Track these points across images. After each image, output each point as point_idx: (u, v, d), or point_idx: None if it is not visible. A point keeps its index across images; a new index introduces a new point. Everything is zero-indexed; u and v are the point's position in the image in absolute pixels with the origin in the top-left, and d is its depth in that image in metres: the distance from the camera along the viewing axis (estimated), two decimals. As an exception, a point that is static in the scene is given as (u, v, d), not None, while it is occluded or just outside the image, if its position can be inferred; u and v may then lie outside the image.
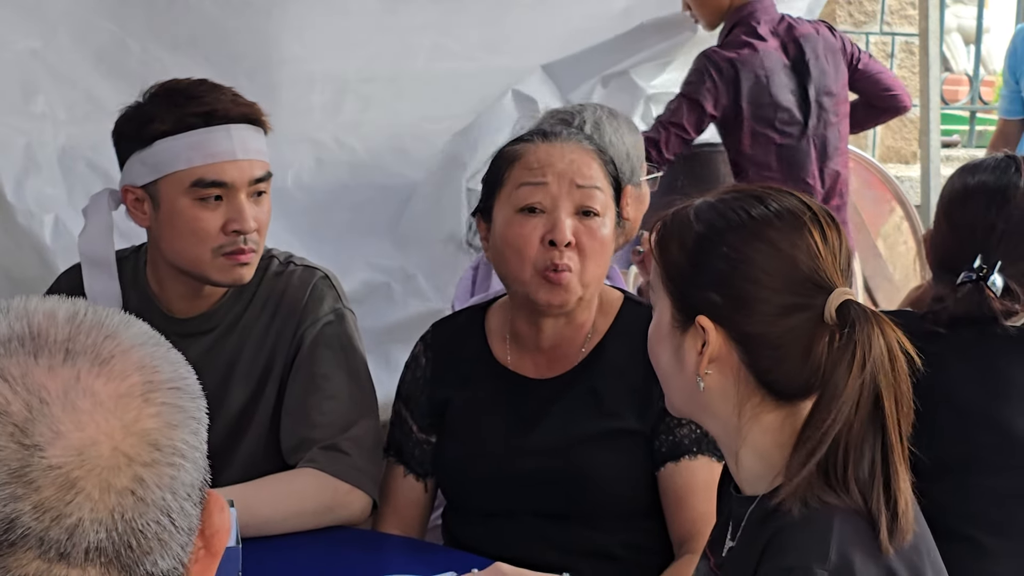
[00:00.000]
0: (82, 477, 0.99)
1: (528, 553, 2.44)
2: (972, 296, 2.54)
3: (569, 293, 2.47)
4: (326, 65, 4.06)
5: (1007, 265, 2.55)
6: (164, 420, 1.04)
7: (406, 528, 2.66)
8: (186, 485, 1.05)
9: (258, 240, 2.63)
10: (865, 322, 1.69)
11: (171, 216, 2.60)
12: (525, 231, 2.48)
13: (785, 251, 1.74)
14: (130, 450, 1.02)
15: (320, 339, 2.69)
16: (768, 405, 1.77)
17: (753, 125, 4.40)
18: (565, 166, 2.50)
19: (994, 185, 2.61)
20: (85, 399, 1.01)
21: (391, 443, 2.71)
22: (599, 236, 2.49)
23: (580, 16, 4.46)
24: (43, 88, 3.64)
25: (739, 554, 1.77)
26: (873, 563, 1.65)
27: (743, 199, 1.80)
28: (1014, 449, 2.54)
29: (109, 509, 1.00)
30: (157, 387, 1.05)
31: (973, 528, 2.52)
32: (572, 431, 2.52)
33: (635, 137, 3.23)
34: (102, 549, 1.00)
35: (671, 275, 1.82)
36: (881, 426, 1.69)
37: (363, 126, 4.11)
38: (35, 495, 0.98)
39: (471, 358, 2.64)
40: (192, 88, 2.66)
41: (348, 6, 4.05)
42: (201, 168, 2.58)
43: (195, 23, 3.81)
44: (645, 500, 2.52)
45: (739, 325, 1.76)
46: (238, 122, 2.62)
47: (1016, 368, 2.56)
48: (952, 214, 2.67)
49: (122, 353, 1.05)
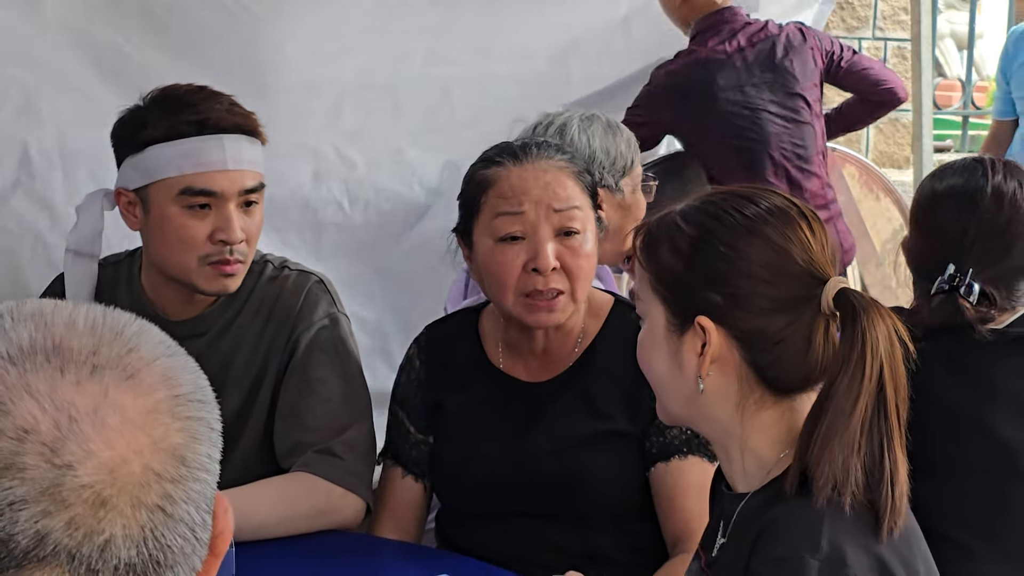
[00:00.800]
0: (114, 495, 0.98)
1: (522, 555, 2.45)
2: (945, 306, 2.52)
3: (561, 313, 2.48)
4: (324, 72, 4.05)
5: (980, 271, 2.52)
6: (190, 435, 1.04)
7: (403, 530, 2.63)
8: (207, 498, 1.05)
9: (246, 251, 2.62)
10: (866, 309, 1.69)
11: (160, 222, 2.60)
12: (507, 259, 2.46)
13: (780, 245, 1.75)
14: (159, 467, 1.01)
15: (315, 343, 2.68)
16: (767, 401, 1.77)
17: (707, 132, 4.41)
18: (540, 191, 2.46)
19: (962, 189, 2.59)
20: (114, 415, 0.99)
21: (388, 445, 2.69)
22: (582, 253, 2.47)
23: (579, 24, 4.45)
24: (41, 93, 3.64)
25: (730, 549, 1.77)
26: (864, 553, 1.64)
27: (732, 199, 1.81)
28: (999, 452, 2.53)
29: (140, 526, 0.99)
30: (182, 401, 1.05)
31: (960, 531, 2.51)
32: (565, 433, 2.51)
33: (610, 141, 3.14)
34: (132, 566, 0.99)
35: (664, 280, 1.81)
36: (883, 412, 1.68)
37: (363, 135, 4.11)
38: (66, 512, 0.97)
39: (465, 361, 2.63)
40: (188, 95, 2.65)
41: (346, 11, 4.04)
42: (191, 176, 2.57)
43: (194, 30, 3.81)
44: (638, 501, 2.51)
45: (740, 322, 1.75)
46: (232, 132, 2.61)
47: (1001, 371, 2.54)
48: (922, 221, 2.65)
49: (147, 366, 1.04)
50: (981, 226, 2.54)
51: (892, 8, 6.06)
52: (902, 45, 6.39)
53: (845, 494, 1.64)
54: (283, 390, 2.69)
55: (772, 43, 4.46)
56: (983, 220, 2.54)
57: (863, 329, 1.67)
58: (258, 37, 3.89)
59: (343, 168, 4.06)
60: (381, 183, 4.09)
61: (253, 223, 2.64)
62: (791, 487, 1.68)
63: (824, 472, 1.65)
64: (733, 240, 1.76)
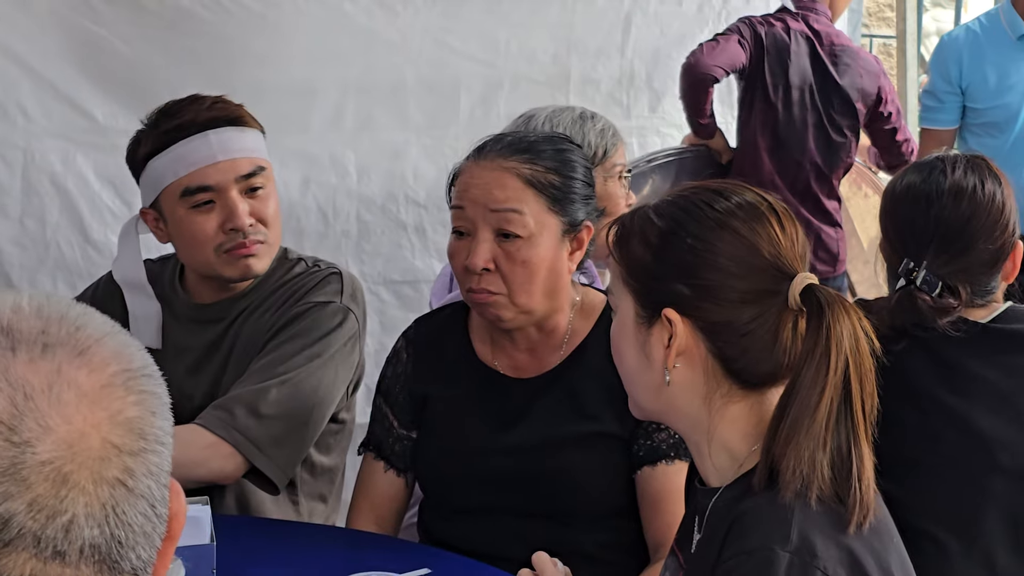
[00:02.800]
0: (74, 471, 0.96)
1: (503, 550, 2.41)
2: (904, 300, 2.51)
3: (502, 313, 2.44)
4: (324, 72, 4.04)
5: (942, 265, 2.51)
6: (145, 408, 1.02)
7: (382, 523, 2.61)
8: (165, 472, 1.03)
9: (264, 232, 2.67)
10: (832, 305, 1.67)
11: (176, 227, 2.68)
12: (454, 254, 2.47)
13: (748, 239, 1.74)
14: (118, 440, 0.99)
15: (294, 319, 2.68)
16: (735, 395, 1.76)
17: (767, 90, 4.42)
18: (479, 191, 2.43)
19: (920, 187, 2.57)
20: (70, 391, 0.97)
21: (371, 439, 2.65)
22: (520, 258, 2.41)
23: (580, 24, 4.43)
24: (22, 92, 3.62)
25: (704, 543, 1.75)
26: (834, 545, 1.62)
27: (702, 193, 1.80)
28: (976, 446, 2.51)
29: (102, 503, 0.97)
30: (134, 375, 1.02)
31: (937, 526, 2.48)
32: (550, 432, 2.48)
33: (576, 129, 3.01)
34: (96, 546, 0.97)
35: (634, 272, 1.80)
36: (848, 408, 1.67)
37: (361, 139, 4.10)
38: (28, 492, 0.95)
39: (453, 355, 2.59)
40: (172, 106, 2.70)
41: (344, 9, 4.02)
42: (186, 177, 2.64)
43: (189, 27, 3.79)
44: (621, 502, 2.48)
45: (706, 314, 1.74)
46: (215, 126, 2.64)
47: (978, 365, 2.52)
48: (885, 220, 2.63)
49: (96, 343, 1.02)
50: (939, 222, 2.52)
51: (878, 5, 6.05)
52: (887, 42, 6.38)
53: (812, 488, 1.63)
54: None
55: (852, 54, 4.51)
56: (941, 216, 2.52)
57: (828, 325, 1.66)
58: (256, 35, 3.88)
59: (333, 176, 4.05)
60: (368, 193, 4.09)
61: (264, 205, 2.68)
62: (759, 482, 1.67)
63: (790, 467, 1.63)
64: (702, 232, 1.75)
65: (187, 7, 3.76)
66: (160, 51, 3.72)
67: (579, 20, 4.42)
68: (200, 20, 3.78)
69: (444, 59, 4.20)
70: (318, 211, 4.08)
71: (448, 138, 4.13)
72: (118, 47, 3.69)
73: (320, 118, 4.06)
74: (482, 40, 4.24)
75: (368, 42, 4.07)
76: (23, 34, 3.61)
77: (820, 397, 1.64)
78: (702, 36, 4.56)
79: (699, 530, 1.79)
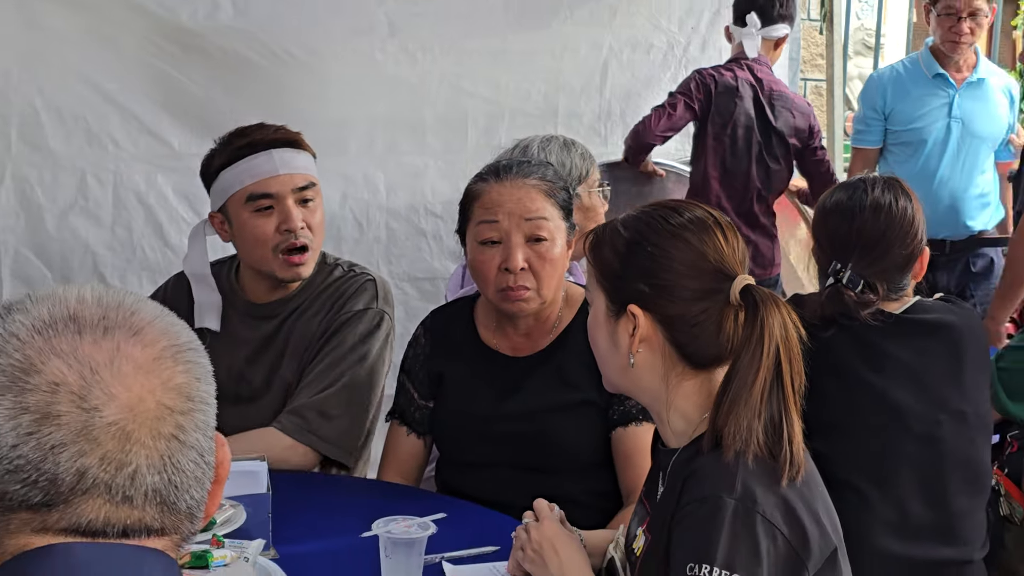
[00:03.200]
0: (135, 429, 0.97)
1: (505, 498, 2.40)
2: (833, 295, 2.50)
3: (528, 304, 2.45)
4: (357, 108, 4.02)
5: (864, 267, 2.50)
6: (192, 375, 1.03)
7: (406, 477, 2.60)
8: (210, 427, 1.04)
9: (311, 237, 2.66)
10: (764, 302, 1.69)
11: (240, 228, 2.67)
12: (486, 259, 2.44)
13: (697, 247, 1.75)
14: (170, 402, 1.00)
15: (341, 327, 2.68)
16: (688, 374, 1.77)
17: (716, 128, 4.39)
18: (513, 204, 2.43)
19: (846, 204, 2.56)
20: (128, 364, 0.99)
21: (395, 408, 2.63)
22: (548, 257, 2.43)
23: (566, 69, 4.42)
24: (113, 126, 3.61)
25: (666, 494, 1.75)
26: (772, 494, 1.63)
27: (661, 210, 1.82)
28: (890, 413, 2.49)
29: (160, 454, 0.98)
30: (181, 349, 1.03)
31: (859, 478, 2.47)
32: (541, 400, 2.47)
33: (565, 155, 3.11)
34: (157, 490, 0.99)
35: (604, 274, 1.82)
36: (780, 384, 1.67)
37: (388, 161, 4.08)
38: (99, 449, 0.96)
39: (462, 339, 2.58)
40: (244, 129, 2.72)
41: (374, 57, 4.01)
42: (252, 186, 2.64)
43: (246, 71, 3.78)
44: (600, 457, 2.46)
45: (663, 309, 1.75)
46: (278, 146, 2.66)
47: (892, 347, 2.51)
48: (817, 230, 2.62)
49: (148, 324, 1.03)
50: (862, 233, 2.51)
51: (811, 54, 6.03)
52: (819, 84, 6.36)
53: (749, 449, 1.64)
54: (314, 363, 2.68)
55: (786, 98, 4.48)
56: (863, 228, 2.51)
57: (762, 317, 1.68)
58: (301, 78, 3.87)
59: (366, 192, 4.04)
60: (395, 207, 4.08)
61: (313, 216, 2.68)
62: (707, 444, 1.68)
63: (731, 432, 1.65)
64: (660, 242, 1.77)
65: (246, 56, 3.75)
66: (224, 91, 3.71)
67: (566, 66, 4.40)
68: (257, 66, 3.76)
69: (455, 98, 4.18)
70: (354, 221, 4.06)
71: (459, 162, 4.11)
72: (191, 87, 3.68)
73: (355, 146, 4.04)
74: (487, 82, 4.23)
75: (394, 84, 4.06)
76: (114, 76, 3.60)
77: (755, 376, 1.66)
78: (666, 78, 4.56)
79: (662, 484, 1.79)
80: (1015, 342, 2.77)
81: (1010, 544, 2.70)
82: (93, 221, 3.66)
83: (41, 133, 3.55)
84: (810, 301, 2.52)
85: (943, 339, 2.52)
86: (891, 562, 2.46)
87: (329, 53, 3.91)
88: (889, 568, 2.46)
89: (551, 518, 1.98)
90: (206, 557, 1.93)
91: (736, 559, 1.59)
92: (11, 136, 3.52)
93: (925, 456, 2.49)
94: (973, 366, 2.55)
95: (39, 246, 3.60)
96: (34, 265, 3.61)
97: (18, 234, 3.58)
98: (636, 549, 1.83)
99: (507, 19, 4.22)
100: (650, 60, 4.59)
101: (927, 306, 2.56)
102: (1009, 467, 2.79)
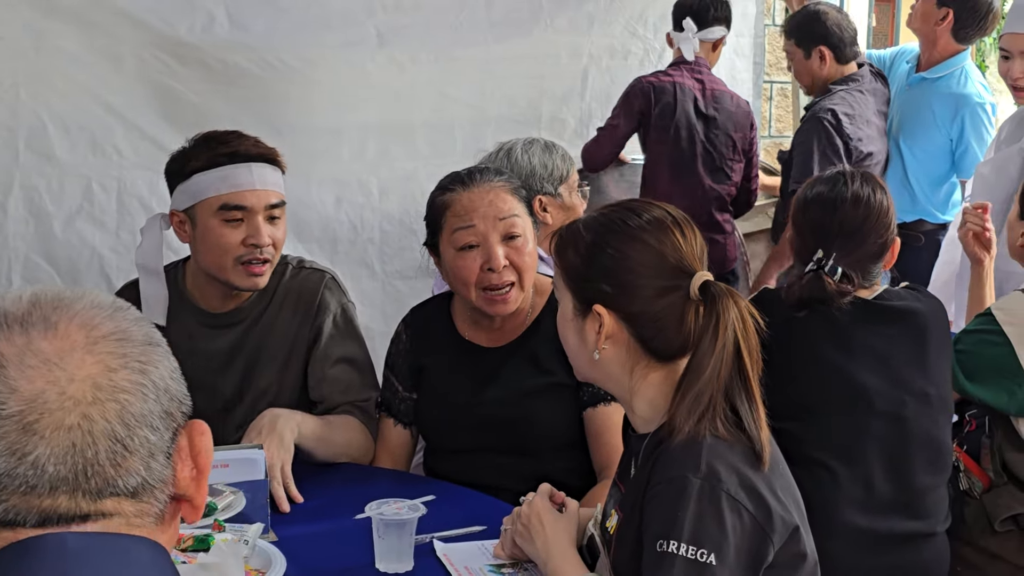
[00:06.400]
0: (36, 421, 0.96)
1: (488, 480, 2.44)
2: (813, 282, 2.51)
3: (509, 306, 2.46)
4: (350, 115, 4.02)
5: (842, 256, 2.51)
6: (104, 365, 0.99)
7: (396, 463, 2.62)
8: (136, 415, 1.00)
9: (272, 253, 2.60)
10: (722, 296, 1.69)
11: (204, 233, 2.58)
12: (467, 264, 2.44)
13: (655, 247, 1.75)
14: (76, 393, 0.97)
15: (335, 328, 2.67)
16: (653, 366, 1.77)
17: (659, 132, 4.39)
18: (486, 207, 2.44)
19: (827, 195, 2.57)
20: (35, 358, 0.97)
21: (383, 401, 2.65)
22: (524, 251, 2.45)
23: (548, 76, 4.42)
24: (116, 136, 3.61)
25: (637, 476, 1.76)
26: (735, 473, 1.64)
27: (620, 211, 1.82)
28: (857, 395, 2.51)
29: (64, 445, 0.96)
30: (97, 340, 1.00)
31: (827, 456, 2.49)
32: (517, 386, 2.48)
33: (547, 157, 3.14)
34: (63, 478, 0.96)
35: (569, 275, 1.82)
36: (741, 372, 1.68)
37: (380, 166, 4.08)
38: (2, 441, 0.95)
39: (440, 333, 2.59)
40: (223, 135, 2.64)
41: (366, 67, 4.02)
42: (227, 195, 2.55)
43: (244, 81, 3.78)
44: (574, 437, 2.48)
45: (626, 306, 1.76)
46: (257, 160, 2.59)
47: (860, 332, 2.52)
48: (798, 220, 2.62)
49: (68, 319, 1.01)
50: (843, 223, 2.52)
51: (776, 58, 6.05)
52: (784, 86, 6.38)
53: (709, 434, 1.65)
54: (314, 363, 2.66)
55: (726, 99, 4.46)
56: (844, 219, 2.53)
57: (718, 312, 1.68)
58: (296, 87, 3.87)
59: (360, 196, 4.04)
60: (388, 209, 4.08)
61: (277, 232, 2.61)
62: (668, 431, 1.69)
63: (692, 419, 1.66)
64: (619, 244, 1.77)
65: (244, 66, 3.75)
66: (223, 100, 3.71)
67: (548, 73, 4.40)
68: (253, 76, 3.76)
69: (443, 104, 4.18)
70: (349, 223, 4.06)
71: (448, 165, 4.05)
72: (191, 97, 3.68)
73: (348, 151, 4.04)
74: (472, 89, 4.23)
75: (384, 92, 4.05)
76: (117, 89, 3.60)
77: (713, 366, 1.66)
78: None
79: (634, 468, 1.80)
80: (971, 326, 2.79)
81: (969, 518, 2.72)
82: (98, 226, 3.66)
83: (48, 144, 3.54)
84: (788, 284, 2.53)
85: (909, 325, 2.54)
86: (859, 535, 2.48)
87: (322, 63, 3.91)
88: (858, 541, 2.47)
89: (542, 496, 2.00)
90: (208, 541, 1.94)
91: (703, 535, 1.60)
92: (19, 147, 3.52)
93: (891, 435, 2.51)
94: (936, 350, 2.56)
95: (48, 251, 3.60)
96: (44, 269, 3.61)
97: (28, 240, 3.58)
98: (609, 528, 1.85)
99: (490, 28, 4.22)
100: (628, 66, 4.60)
101: (894, 293, 2.58)
102: (968, 444, 2.81)
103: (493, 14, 4.21)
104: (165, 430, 1.03)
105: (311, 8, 3.87)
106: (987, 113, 4.35)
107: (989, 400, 2.70)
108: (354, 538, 2.11)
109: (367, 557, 2.03)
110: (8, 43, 3.42)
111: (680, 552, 1.59)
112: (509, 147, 3.12)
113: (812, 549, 1.75)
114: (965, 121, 4.30)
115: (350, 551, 2.09)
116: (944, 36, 4.33)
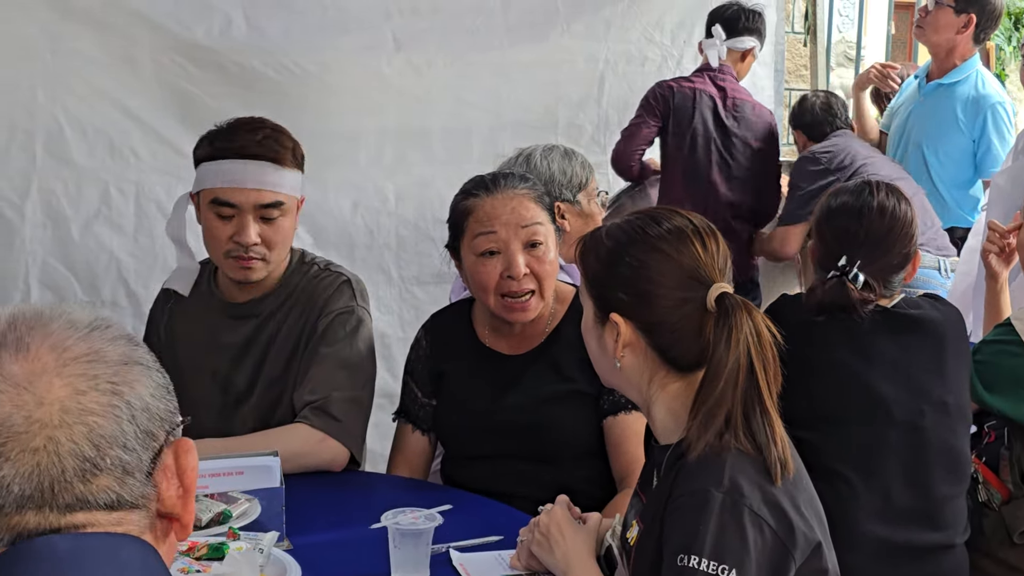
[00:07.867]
0: (2, 444, 0.96)
1: (507, 488, 2.41)
2: (836, 288, 2.48)
3: (533, 311, 2.43)
4: (367, 120, 4.01)
5: (865, 265, 2.49)
6: (73, 388, 0.98)
7: (413, 471, 2.59)
8: (107, 436, 0.99)
9: (264, 252, 2.55)
10: (735, 309, 1.66)
11: (204, 221, 2.59)
12: (487, 270, 2.41)
13: (674, 258, 1.72)
14: (43, 417, 0.97)
15: (328, 328, 2.60)
16: (672, 376, 1.74)
17: (676, 139, 4.36)
18: (508, 215, 2.41)
19: (853, 204, 2.55)
20: (4, 382, 0.97)
21: (401, 407, 2.62)
22: (546, 260, 2.43)
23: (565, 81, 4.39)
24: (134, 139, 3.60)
25: (659, 487, 1.73)
26: (757, 487, 1.61)
27: (641, 219, 1.79)
28: (876, 405, 2.48)
29: (29, 465, 0.96)
30: (67, 362, 0.99)
31: (846, 467, 2.45)
32: (536, 393, 2.45)
33: (567, 164, 3.10)
34: (28, 497, 0.96)
35: (591, 281, 1.80)
36: (756, 385, 1.64)
37: (397, 171, 4.06)
38: None
39: (460, 339, 2.56)
40: (238, 125, 2.60)
41: (382, 72, 4.00)
42: (219, 189, 2.53)
43: (261, 85, 3.76)
44: (594, 445, 2.45)
45: (643, 316, 1.73)
46: (256, 159, 2.53)
47: (880, 341, 2.50)
48: (823, 228, 2.60)
49: (40, 340, 1.00)
50: (870, 232, 2.50)
51: (795, 65, 6.00)
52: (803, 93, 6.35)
53: (729, 448, 1.62)
54: (302, 363, 2.61)
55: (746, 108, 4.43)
56: (871, 227, 2.50)
57: (731, 325, 1.64)
58: (312, 92, 3.86)
59: (377, 201, 4.02)
60: (405, 215, 4.06)
61: (273, 231, 2.55)
62: (686, 445, 1.66)
63: (708, 432, 1.62)
64: (638, 253, 1.74)
65: (261, 70, 3.73)
66: (240, 105, 3.66)
67: (564, 78, 4.38)
68: (270, 80, 3.75)
69: (460, 110, 4.16)
70: (366, 228, 4.04)
71: (465, 171, 4.02)
72: (208, 101, 3.66)
73: (365, 157, 4.02)
74: (489, 95, 4.20)
75: (401, 97, 4.04)
76: (134, 93, 3.59)
77: (726, 379, 1.63)
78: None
79: (656, 478, 1.77)
80: (990, 336, 2.76)
81: (988, 529, 2.68)
82: (116, 230, 3.65)
83: (66, 148, 3.53)
84: (811, 289, 2.51)
85: (927, 334, 2.51)
86: (878, 547, 2.45)
87: (338, 68, 3.89)
88: (877, 553, 2.44)
89: (561, 505, 1.97)
90: (222, 549, 1.92)
91: (724, 550, 1.57)
92: (37, 151, 3.51)
93: (909, 445, 2.48)
94: (954, 359, 2.53)
95: (65, 255, 3.59)
96: (61, 273, 3.60)
97: (45, 244, 3.56)
98: (630, 538, 1.82)
99: (507, 33, 4.19)
100: (645, 72, 4.57)
101: (912, 302, 2.56)
102: (987, 455, 2.78)
103: (510, 19, 4.18)
104: (143, 450, 1.01)
105: (328, 12, 3.85)
106: (1007, 112, 4.42)
107: (1008, 411, 2.68)
108: (370, 547, 2.08)
109: (383, 567, 2.01)
110: (25, 45, 3.41)
111: (700, 567, 1.56)
112: (528, 153, 3.09)
113: (835, 564, 1.71)
114: (987, 120, 4.38)
115: (366, 560, 2.06)
116: (965, 41, 4.40)
